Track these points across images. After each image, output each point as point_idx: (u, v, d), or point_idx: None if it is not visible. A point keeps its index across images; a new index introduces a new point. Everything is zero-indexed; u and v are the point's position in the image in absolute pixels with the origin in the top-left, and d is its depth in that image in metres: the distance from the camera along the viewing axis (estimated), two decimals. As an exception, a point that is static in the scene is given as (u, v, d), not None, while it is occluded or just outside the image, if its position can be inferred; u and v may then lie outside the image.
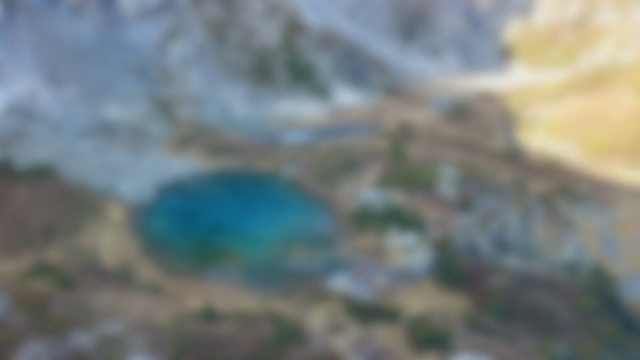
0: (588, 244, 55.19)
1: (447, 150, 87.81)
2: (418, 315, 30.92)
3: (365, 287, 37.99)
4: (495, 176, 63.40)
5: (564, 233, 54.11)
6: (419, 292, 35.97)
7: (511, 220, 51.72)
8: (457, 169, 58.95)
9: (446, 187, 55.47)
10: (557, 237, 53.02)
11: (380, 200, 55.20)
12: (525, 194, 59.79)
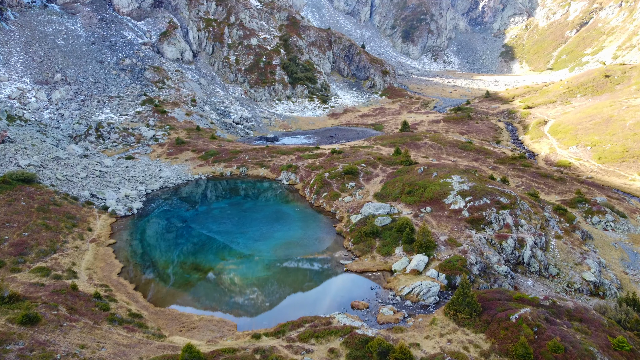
0: (609, 261, 51.01)
1: (453, 156, 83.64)
2: (432, 359, 26.66)
3: (370, 320, 33.65)
4: (507, 186, 59.13)
5: (584, 250, 49.85)
6: (431, 327, 31.65)
7: (527, 237, 47.42)
8: (467, 179, 54.62)
9: (456, 200, 51.16)
10: (577, 254, 48.76)
11: (384, 214, 50.93)
12: (541, 206, 55.57)
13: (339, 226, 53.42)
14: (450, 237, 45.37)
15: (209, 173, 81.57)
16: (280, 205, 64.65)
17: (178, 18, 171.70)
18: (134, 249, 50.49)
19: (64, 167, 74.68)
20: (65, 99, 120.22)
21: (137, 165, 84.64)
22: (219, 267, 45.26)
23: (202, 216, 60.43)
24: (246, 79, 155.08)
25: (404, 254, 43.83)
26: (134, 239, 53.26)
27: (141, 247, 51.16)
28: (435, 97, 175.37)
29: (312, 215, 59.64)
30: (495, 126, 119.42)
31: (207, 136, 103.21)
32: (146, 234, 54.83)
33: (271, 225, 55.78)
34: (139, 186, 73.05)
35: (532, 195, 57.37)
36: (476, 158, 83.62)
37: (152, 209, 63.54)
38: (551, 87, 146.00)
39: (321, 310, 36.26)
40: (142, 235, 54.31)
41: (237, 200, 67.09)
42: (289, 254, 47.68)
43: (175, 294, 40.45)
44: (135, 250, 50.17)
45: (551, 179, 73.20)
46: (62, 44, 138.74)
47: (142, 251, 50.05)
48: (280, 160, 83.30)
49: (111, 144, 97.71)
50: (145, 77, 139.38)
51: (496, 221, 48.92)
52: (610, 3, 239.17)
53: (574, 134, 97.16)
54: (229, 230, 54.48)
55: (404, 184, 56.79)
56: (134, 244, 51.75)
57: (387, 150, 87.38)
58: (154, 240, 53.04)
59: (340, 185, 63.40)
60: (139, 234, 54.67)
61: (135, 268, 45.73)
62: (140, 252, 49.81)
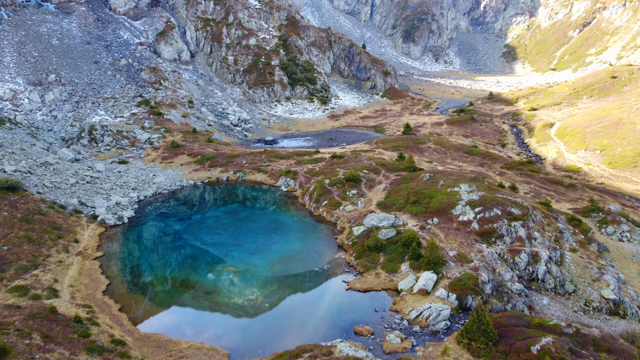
0: (628, 276, 47.97)
1: (457, 160, 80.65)
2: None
3: (376, 349, 30.59)
4: (518, 195, 56.03)
5: (601, 264, 46.81)
6: (442, 358, 28.55)
7: (541, 251, 44.37)
8: (476, 188, 51.52)
9: (465, 211, 48.08)
10: (594, 269, 45.71)
11: (388, 225, 47.85)
12: (554, 217, 52.51)
13: (340, 238, 50.30)
14: (460, 252, 42.29)
15: (204, 178, 78.50)
16: (278, 213, 61.54)
17: (175, 18, 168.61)
18: (123, 262, 47.42)
19: (52, 172, 71.58)
20: (59, 100, 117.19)
21: (130, 170, 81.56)
22: (211, 285, 42.17)
23: (196, 226, 57.34)
24: (245, 79, 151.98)
25: (411, 271, 40.74)
26: (123, 251, 50.17)
27: (130, 260, 48.08)
28: (437, 98, 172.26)
29: (312, 225, 56.56)
30: (500, 129, 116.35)
31: (203, 139, 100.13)
32: (136, 246, 51.75)
33: (268, 237, 52.69)
34: (131, 193, 69.95)
35: (544, 205, 54.30)
36: (482, 163, 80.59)
37: (143, 217, 60.45)
38: (556, 88, 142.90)
39: (321, 336, 33.15)
40: (132, 248, 51.23)
41: (233, 208, 63.99)
42: (287, 269, 44.59)
43: (164, 316, 37.36)
44: (123, 264, 47.10)
45: (561, 185, 70.14)
46: (56, 44, 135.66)
47: (130, 265, 46.98)
48: (278, 165, 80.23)
49: (104, 147, 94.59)
50: (142, 77, 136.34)
51: (508, 234, 45.85)
52: (614, 3, 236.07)
53: (582, 137, 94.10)
54: (224, 242, 51.39)
55: (409, 192, 53.69)
56: (123, 257, 48.67)
57: (389, 154, 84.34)
58: (143, 253, 49.95)
59: (341, 193, 60.30)
60: (128, 246, 51.59)
61: (121, 285, 42.64)
62: (128, 266, 46.73)
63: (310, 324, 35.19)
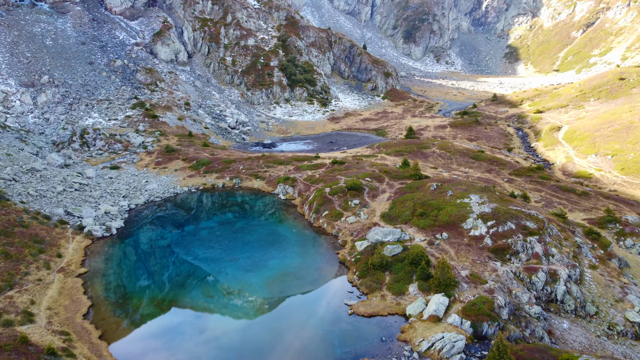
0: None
1: (463, 166, 77.28)
2: None
3: (384, 389, 27.16)
4: (531, 206, 52.58)
5: (624, 282, 43.39)
6: (460, 402, 25.09)
7: (560, 269, 40.95)
8: (487, 199, 48.07)
9: (477, 225, 44.62)
10: (616, 288, 42.29)
11: (394, 241, 44.40)
12: (571, 230, 49.10)
13: (342, 253, 46.83)
14: (473, 272, 38.84)
15: (199, 185, 75.07)
16: (275, 225, 58.07)
17: (173, 18, 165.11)
18: (107, 280, 43.96)
19: (39, 180, 68.12)
20: (52, 103, 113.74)
21: (122, 176, 78.10)
22: (202, 307, 38.74)
23: (188, 238, 53.90)
24: (243, 81, 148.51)
25: (420, 294, 37.30)
26: (109, 267, 46.71)
27: (115, 278, 44.63)
28: (439, 100, 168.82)
29: (312, 238, 53.09)
30: (505, 132, 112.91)
31: (199, 143, 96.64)
32: (123, 261, 48.29)
33: (265, 251, 49.25)
34: (122, 201, 66.47)
35: (559, 217, 50.88)
36: (489, 169, 77.18)
37: (133, 228, 57.00)
38: (562, 90, 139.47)
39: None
40: (118, 263, 47.77)
41: (228, 219, 60.52)
42: (285, 289, 41.12)
43: (148, 345, 33.94)
44: (108, 282, 43.64)
45: (573, 193, 66.73)
46: (50, 45, 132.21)
47: (116, 284, 43.52)
48: (276, 171, 76.80)
49: (96, 151, 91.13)
50: (137, 79, 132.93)
51: (523, 250, 42.42)
52: (617, 3, 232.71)
53: (592, 141, 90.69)
54: (217, 257, 47.94)
55: (415, 203, 50.22)
56: (108, 274, 45.21)
57: (392, 160, 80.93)
58: (131, 269, 46.49)
59: (342, 202, 56.85)
60: (114, 261, 48.14)
61: (104, 307, 39.17)
62: (113, 285, 43.28)
63: (311, 357, 31.69)
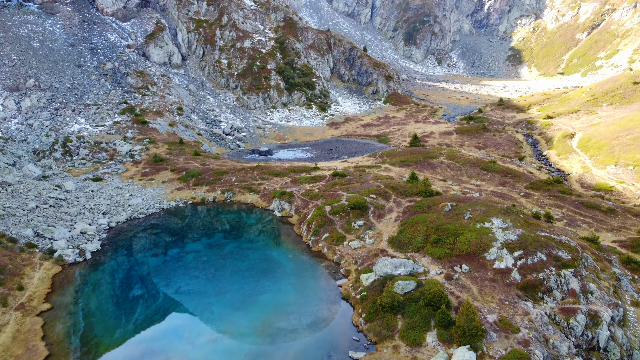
0: (703, 336, 38.42)
1: (475, 178, 71.28)
2: None
3: None
4: (559, 229, 46.52)
5: (672, 323, 37.30)
6: None
7: (601, 310, 34.89)
8: (511, 223, 41.96)
9: (502, 256, 38.50)
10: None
11: (406, 274, 38.27)
12: (606, 258, 43.02)
13: (346, 287, 40.63)
14: (502, 317, 32.74)
15: (188, 199, 68.95)
16: (269, 248, 51.87)
17: (166, 19, 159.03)
18: (73, 320, 37.76)
19: (9, 195, 61.88)
20: (37, 108, 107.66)
21: (104, 189, 71.91)
22: (180, 357, 32.61)
23: (171, 265, 47.75)
24: (239, 84, 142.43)
25: (440, 346, 31.19)
26: (77, 302, 40.51)
27: (84, 316, 38.43)
28: (442, 104, 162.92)
29: (310, 265, 46.94)
30: (515, 139, 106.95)
31: (190, 152, 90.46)
32: (94, 295, 42.09)
33: (257, 282, 43.11)
34: (101, 219, 60.29)
35: (591, 242, 44.80)
36: (503, 181, 71.15)
37: (110, 251, 50.85)
38: (571, 94, 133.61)
39: None
40: (89, 297, 41.57)
41: (217, 240, 54.35)
42: (277, 335, 34.89)
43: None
44: (73, 322, 37.44)
45: (598, 210, 60.69)
46: (37, 46, 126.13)
47: (84, 324, 37.33)
48: (272, 183, 70.69)
49: (79, 161, 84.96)
50: (128, 82, 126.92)
51: (558, 287, 36.31)
52: (623, 4, 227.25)
53: (610, 150, 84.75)
54: (202, 290, 41.79)
55: (428, 227, 44.10)
56: (75, 312, 39.01)
57: (397, 171, 74.89)
58: (102, 305, 40.28)
59: (345, 224, 50.74)
60: (85, 294, 41.95)
61: (67, 352, 33.06)
62: (80, 325, 37.09)
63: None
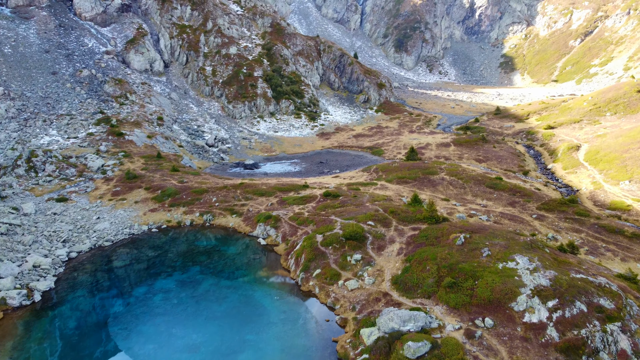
0: None
1: (480, 197, 64.62)
2: None
3: None
4: (592, 265, 39.85)
5: None
6: None
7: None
8: (539, 262, 35.11)
9: (533, 307, 31.60)
10: None
11: (417, 330, 31.27)
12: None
13: (343, 344, 33.38)
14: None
15: (162, 222, 61.42)
16: (252, 286, 44.47)
17: (148, 24, 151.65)
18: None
19: (-46, 222, 54.07)
20: (5, 118, 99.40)
21: (68, 211, 64.11)
22: None
23: (135, 309, 40.24)
24: (224, 92, 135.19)
25: None
26: (21, 355, 32.94)
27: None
28: (436, 113, 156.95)
29: (299, 309, 39.68)
30: (517, 151, 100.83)
31: (168, 167, 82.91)
32: (36, 353, 34.52)
33: (236, 333, 35.79)
34: (60, 248, 52.60)
35: (629, 281, 38.14)
36: (512, 201, 64.58)
37: (64, 291, 43.23)
38: (572, 103, 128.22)
39: None
40: (28, 355, 34.00)
41: (191, 275, 46.92)
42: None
43: None
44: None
45: (622, 235, 54.27)
46: (9, 52, 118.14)
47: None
48: (256, 204, 63.45)
49: (44, 178, 77.09)
50: (105, 91, 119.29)
51: (604, 347, 29.46)
52: (617, 11, 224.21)
53: (622, 164, 78.77)
54: (169, 345, 34.39)
55: (440, 266, 37.08)
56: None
57: (395, 189, 68.08)
58: None
59: (339, 258, 43.63)
60: (25, 351, 34.38)
61: None
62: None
63: None
